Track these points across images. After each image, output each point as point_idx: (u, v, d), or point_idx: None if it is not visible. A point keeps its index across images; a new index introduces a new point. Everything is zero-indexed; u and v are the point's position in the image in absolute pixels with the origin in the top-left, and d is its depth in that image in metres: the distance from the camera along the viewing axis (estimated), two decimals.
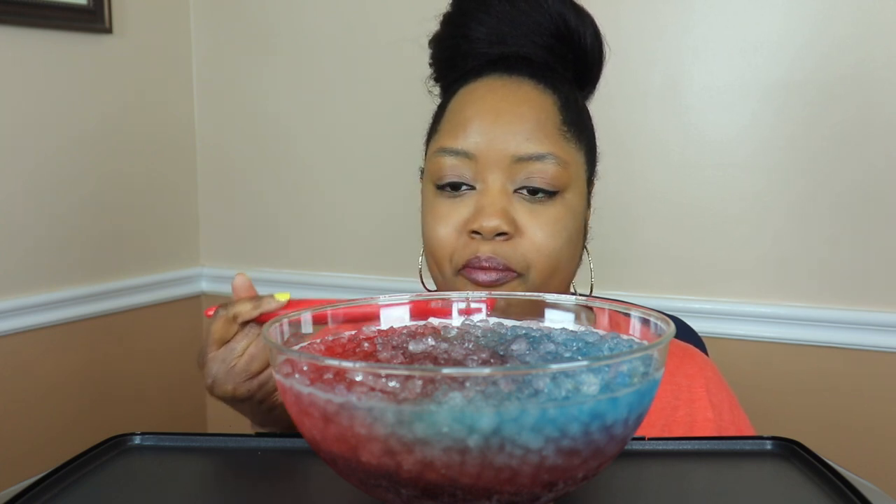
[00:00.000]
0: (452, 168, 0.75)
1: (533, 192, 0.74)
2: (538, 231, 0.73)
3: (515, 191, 0.74)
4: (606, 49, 0.83)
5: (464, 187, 0.75)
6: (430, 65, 0.87)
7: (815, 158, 1.29)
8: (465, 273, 0.74)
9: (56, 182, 1.52)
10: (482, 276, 0.73)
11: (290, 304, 0.66)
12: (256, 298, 0.68)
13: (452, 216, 0.75)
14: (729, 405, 0.78)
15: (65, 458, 0.50)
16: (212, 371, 0.68)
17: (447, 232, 0.75)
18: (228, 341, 0.68)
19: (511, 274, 0.73)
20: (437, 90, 0.87)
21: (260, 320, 0.67)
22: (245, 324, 0.68)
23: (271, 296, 0.67)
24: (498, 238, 0.72)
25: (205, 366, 0.69)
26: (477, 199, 0.74)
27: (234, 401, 0.70)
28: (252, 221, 1.79)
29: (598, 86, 0.85)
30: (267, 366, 0.68)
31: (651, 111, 1.38)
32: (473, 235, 0.73)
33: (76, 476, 0.49)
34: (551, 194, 0.74)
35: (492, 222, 0.71)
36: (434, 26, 0.85)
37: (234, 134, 1.78)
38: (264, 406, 0.72)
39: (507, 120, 0.74)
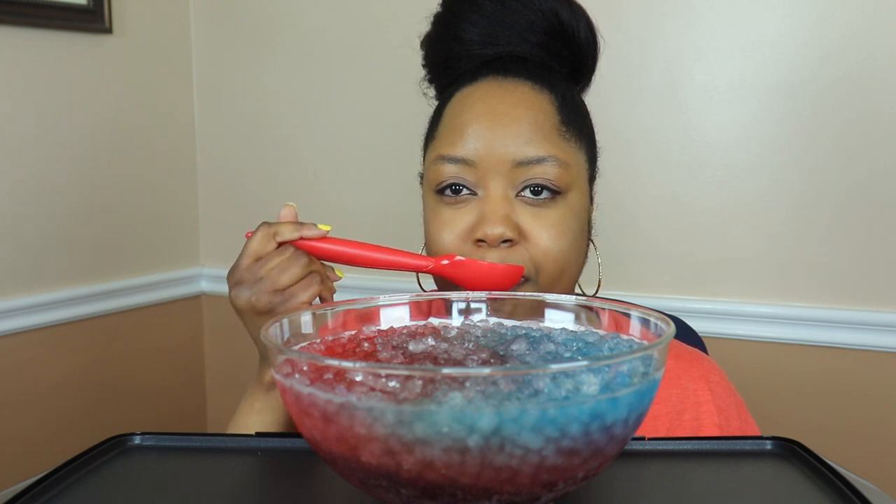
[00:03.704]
0: (452, 175, 0.74)
1: (535, 194, 0.73)
2: (543, 234, 0.72)
3: (518, 194, 0.73)
4: (601, 40, 0.81)
5: (465, 191, 0.74)
6: (424, 66, 0.86)
7: (816, 158, 1.29)
8: None
9: (56, 182, 1.52)
10: None
11: (326, 238, 0.71)
12: (299, 223, 0.71)
13: (456, 223, 0.74)
14: (737, 410, 0.78)
15: (65, 458, 0.50)
16: (237, 277, 0.71)
17: (452, 239, 0.74)
18: (261, 258, 0.71)
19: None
20: (431, 91, 0.86)
21: (297, 244, 0.71)
22: (282, 245, 0.71)
23: (313, 223, 0.71)
24: (503, 245, 0.72)
25: (233, 275, 0.71)
26: (479, 207, 0.73)
27: (254, 313, 0.70)
28: (252, 222, 1.77)
29: (594, 77, 0.84)
30: (293, 283, 0.70)
31: (651, 111, 1.38)
32: (479, 244, 0.72)
33: (76, 476, 0.49)
34: (554, 195, 0.73)
35: (496, 230, 0.71)
36: (427, 27, 0.84)
37: (234, 134, 1.78)
38: None
39: (504, 123, 0.73)
